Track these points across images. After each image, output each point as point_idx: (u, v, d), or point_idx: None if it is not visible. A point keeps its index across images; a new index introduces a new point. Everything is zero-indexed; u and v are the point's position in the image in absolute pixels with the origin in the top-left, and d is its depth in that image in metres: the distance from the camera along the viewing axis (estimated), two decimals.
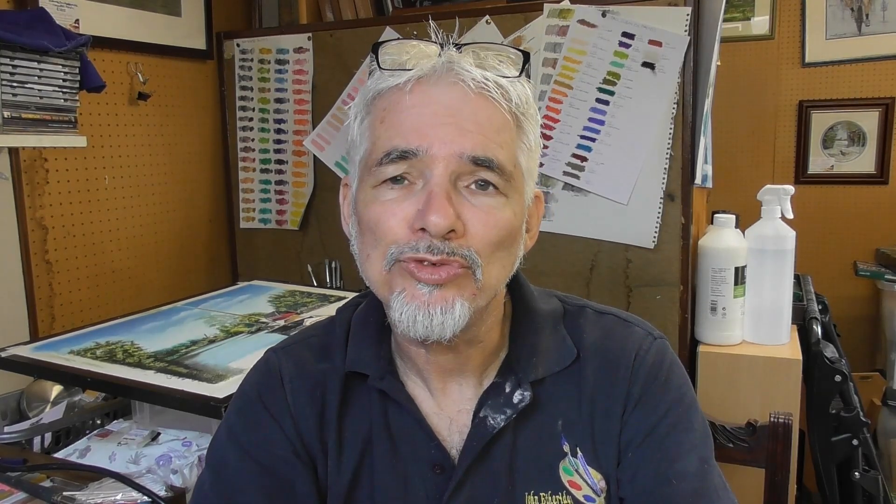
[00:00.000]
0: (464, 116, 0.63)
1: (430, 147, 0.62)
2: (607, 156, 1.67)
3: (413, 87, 0.64)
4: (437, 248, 0.61)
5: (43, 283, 1.64)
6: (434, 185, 0.62)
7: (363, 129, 0.67)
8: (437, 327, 0.63)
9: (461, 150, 0.62)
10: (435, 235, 0.61)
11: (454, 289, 0.63)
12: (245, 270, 2.19)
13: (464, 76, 0.63)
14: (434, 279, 0.62)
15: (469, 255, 0.63)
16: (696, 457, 0.70)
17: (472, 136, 0.62)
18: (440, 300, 0.63)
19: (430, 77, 0.64)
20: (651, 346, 0.73)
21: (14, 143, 1.37)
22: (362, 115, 0.68)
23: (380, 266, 0.65)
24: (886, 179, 2.66)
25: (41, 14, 1.41)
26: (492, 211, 0.64)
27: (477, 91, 0.63)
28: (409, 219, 0.63)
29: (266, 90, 2.09)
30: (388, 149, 0.63)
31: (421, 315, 0.63)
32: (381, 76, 0.66)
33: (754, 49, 2.75)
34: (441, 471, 0.70)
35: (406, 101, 0.64)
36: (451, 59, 0.64)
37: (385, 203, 0.64)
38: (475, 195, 0.63)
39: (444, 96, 0.63)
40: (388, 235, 0.63)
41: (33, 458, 1.12)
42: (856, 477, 1.63)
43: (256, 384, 0.75)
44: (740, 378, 1.56)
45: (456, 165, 0.62)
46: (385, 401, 0.72)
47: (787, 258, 1.59)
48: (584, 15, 1.68)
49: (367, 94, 0.67)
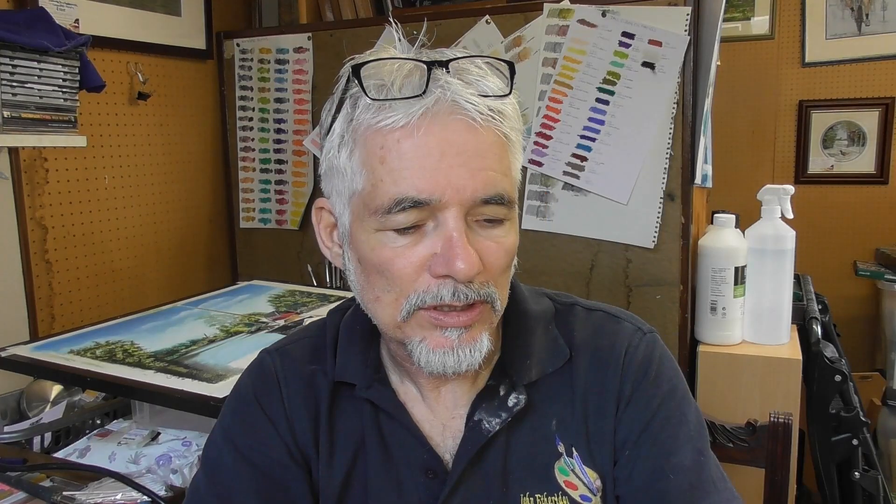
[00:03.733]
0: (469, 153, 0.60)
1: (442, 195, 0.60)
2: (607, 156, 1.67)
3: (415, 125, 0.59)
4: (464, 294, 0.61)
5: (43, 282, 1.65)
6: (452, 229, 0.60)
7: (355, 164, 0.63)
8: (465, 365, 0.64)
9: (473, 193, 0.60)
10: (462, 281, 0.60)
11: (479, 325, 0.64)
12: (245, 270, 2.19)
13: (468, 109, 0.60)
14: (462, 322, 0.63)
15: (489, 293, 0.63)
16: (692, 449, 0.70)
17: (482, 174, 0.61)
18: (468, 341, 0.63)
19: (430, 112, 0.60)
20: (640, 342, 0.73)
21: (14, 142, 1.37)
22: (351, 146, 0.63)
23: (394, 312, 0.63)
24: (886, 179, 2.66)
25: (41, 14, 1.41)
26: (501, 241, 0.64)
27: (484, 124, 0.61)
28: (425, 263, 0.61)
29: (266, 90, 2.09)
30: (398, 197, 0.60)
31: (451, 359, 0.63)
32: (372, 108, 0.61)
33: (754, 49, 2.74)
34: (434, 476, 0.69)
35: (408, 141, 0.60)
36: (450, 89, 0.60)
37: (396, 249, 0.62)
38: (485, 228, 0.63)
39: (449, 133, 0.60)
40: (404, 283, 0.62)
41: (33, 457, 1.13)
42: (856, 477, 1.63)
43: (252, 385, 0.75)
44: (740, 378, 1.56)
45: (468, 206, 0.61)
46: (375, 407, 0.72)
47: (787, 258, 1.59)
48: (584, 15, 1.68)
49: (358, 126, 0.62)
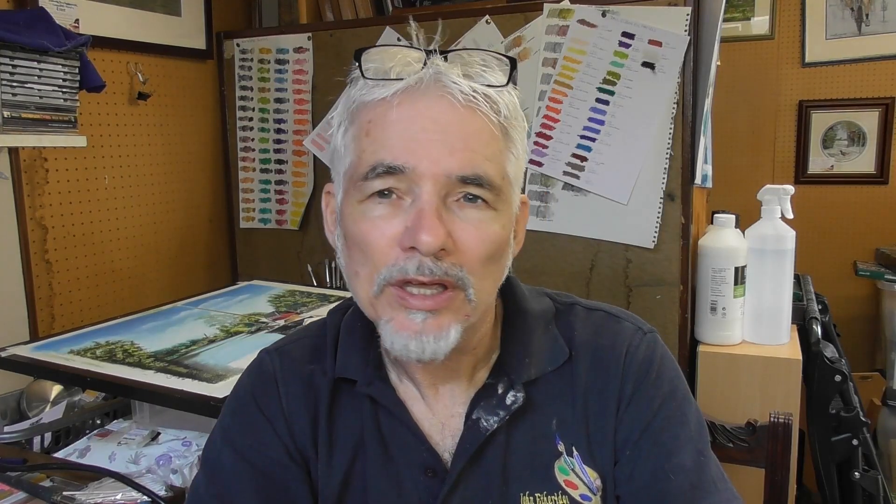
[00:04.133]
0: (451, 131, 0.61)
1: (418, 164, 0.60)
2: (607, 156, 1.67)
3: (399, 100, 0.61)
4: (429, 269, 0.60)
5: (43, 282, 1.65)
6: (424, 202, 0.60)
7: (347, 141, 0.65)
8: (430, 353, 0.62)
9: (448, 169, 0.60)
10: (426, 254, 0.59)
11: (449, 314, 0.62)
12: (245, 270, 2.19)
13: (451, 88, 0.61)
14: (428, 305, 0.61)
15: (460, 276, 0.61)
16: (693, 449, 0.70)
17: (459, 153, 0.61)
18: (434, 328, 0.62)
19: (416, 89, 0.61)
20: (641, 342, 0.73)
21: (14, 142, 1.37)
22: (346, 125, 0.66)
23: (368, 288, 0.64)
24: (886, 179, 2.66)
25: (41, 14, 1.41)
26: (481, 225, 0.62)
27: (465, 104, 0.61)
28: (398, 237, 0.61)
29: (266, 90, 2.09)
30: (374, 163, 0.61)
31: (413, 344, 0.62)
32: (365, 86, 0.64)
33: (754, 49, 2.75)
34: (433, 474, 0.69)
35: (392, 114, 0.61)
36: (439, 69, 0.61)
37: (373, 220, 0.62)
38: (464, 209, 0.62)
39: (432, 109, 0.61)
40: (377, 255, 0.62)
41: (33, 457, 1.13)
42: (856, 477, 1.63)
43: (251, 385, 0.75)
44: (740, 378, 1.56)
45: (444, 183, 0.61)
46: (375, 405, 0.72)
47: (787, 258, 1.59)
48: (584, 15, 1.68)
49: (351, 104, 0.65)
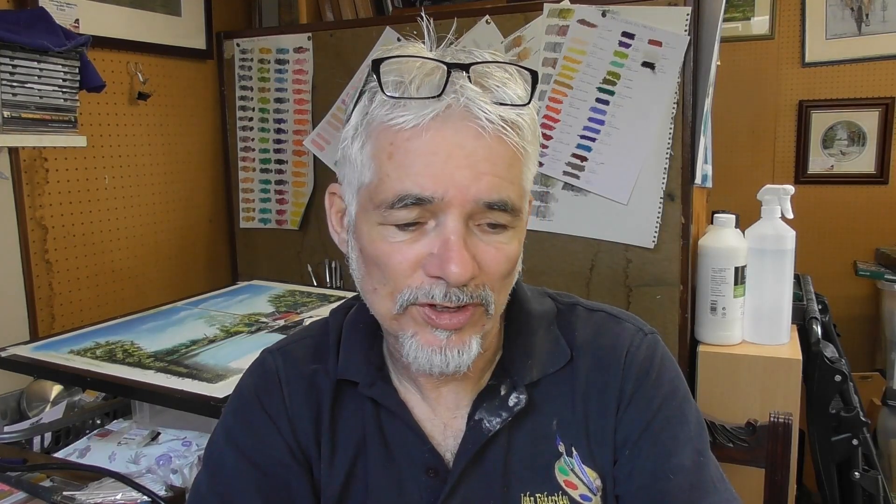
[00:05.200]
0: (478, 157, 0.60)
1: (445, 194, 0.60)
2: (607, 156, 1.67)
3: (425, 127, 0.60)
4: (457, 297, 0.61)
5: (43, 283, 1.64)
6: (450, 232, 0.60)
7: (365, 157, 0.64)
8: (453, 367, 0.64)
9: (477, 195, 0.60)
10: (454, 285, 0.60)
11: (470, 328, 0.64)
12: (245, 270, 2.19)
13: (479, 116, 0.60)
14: (454, 324, 0.63)
15: (484, 296, 0.63)
16: (692, 449, 0.70)
17: (486, 178, 0.60)
18: (457, 342, 0.63)
19: (442, 117, 0.60)
20: (642, 343, 0.73)
21: (14, 142, 1.37)
22: (363, 139, 0.64)
23: (390, 305, 0.64)
24: (886, 179, 2.66)
25: (41, 14, 1.41)
26: (502, 247, 0.63)
27: (493, 133, 0.61)
28: (421, 261, 0.62)
29: (266, 90, 2.09)
30: (401, 193, 0.60)
31: (438, 358, 0.63)
32: (387, 105, 0.62)
33: (754, 49, 2.74)
34: (435, 474, 0.70)
35: (418, 141, 0.60)
36: (468, 97, 0.60)
37: (394, 244, 0.62)
38: (486, 234, 0.63)
39: (458, 136, 0.60)
40: (399, 278, 0.62)
41: (33, 457, 1.13)
42: (856, 477, 1.63)
43: (254, 385, 0.75)
44: (740, 378, 1.56)
45: (470, 209, 0.61)
46: (377, 406, 0.72)
47: (787, 258, 1.59)
48: (584, 15, 1.68)
49: (371, 120, 0.63)
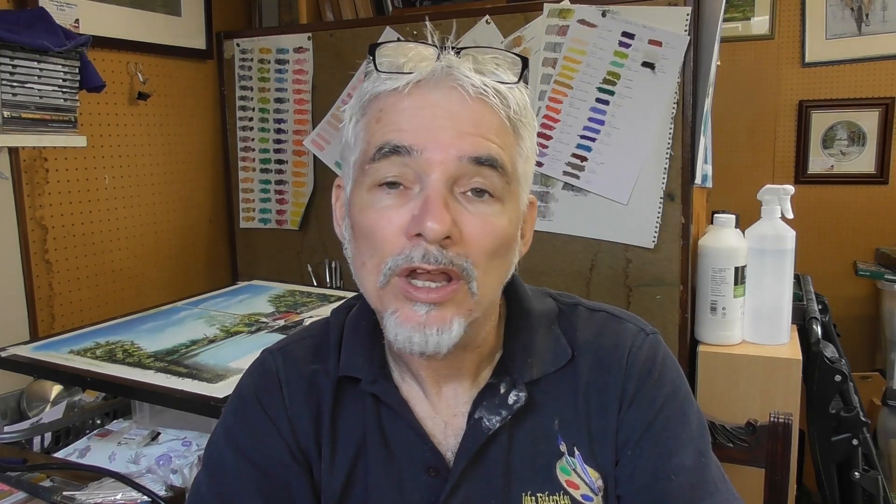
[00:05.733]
0: (462, 120, 0.62)
1: (425, 149, 0.61)
2: (607, 156, 1.67)
3: (411, 90, 0.63)
4: (434, 257, 0.60)
5: (43, 283, 1.65)
6: (431, 190, 0.61)
7: (358, 130, 0.67)
8: (433, 346, 0.62)
9: (460, 152, 0.61)
10: (431, 241, 0.60)
11: (452, 307, 0.63)
12: (245, 270, 2.19)
13: (462, 81, 0.62)
14: (432, 298, 0.62)
15: (465, 267, 0.62)
16: (694, 450, 0.70)
17: (471, 137, 0.62)
18: (437, 320, 0.62)
19: (428, 81, 0.63)
20: (643, 343, 0.73)
21: (14, 142, 1.37)
22: (357, 116, 0.67)
23: (374, 279, 0.64)
24: (886, 179, 2.66)
25: (41, 14, 1.41)
26: (488, 218, 0.63)
27: (475, 96, 0.62)
28: (404, 227, 0.62)
29: (266, 90, 2.09)
30: (381, 143, 0.62)
31: (417, 336, 0.62)
32: (378, 78, 0.65)
33: (754, 49, 2.74)
34: (436, 473, 0.69)
35: (403, 102, 0.63)
36: (450, 63, 0.63)
37: (381, 210, 0.63)
38: (472, 202, 0.63)
39: (442, 100, 0.62)
40: (384, 245, 0.63)
41: (33, 457, 1.13)
42: (856, 477, 1.63)
43: (254, 385, 0.75)
44: (740, 378, 1.56)
45: (454, 169, 0.61)
46: (378, 404, 0.72)
47: (787, 258, 1.59)
48: (584, 15, 1.68)
49: (364, 96, 0.67)
